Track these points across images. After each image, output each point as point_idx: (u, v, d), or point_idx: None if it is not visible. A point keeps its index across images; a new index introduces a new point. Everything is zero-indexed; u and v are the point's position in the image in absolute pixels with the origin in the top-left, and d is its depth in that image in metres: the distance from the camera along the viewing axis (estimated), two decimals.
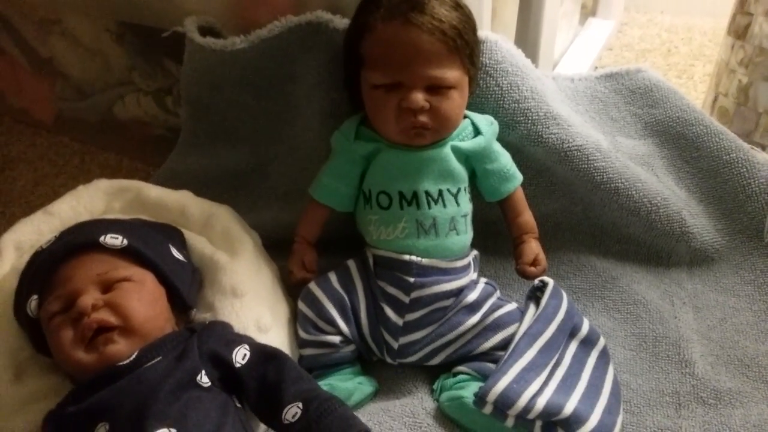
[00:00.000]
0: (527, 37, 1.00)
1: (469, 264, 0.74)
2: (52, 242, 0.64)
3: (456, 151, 0.72)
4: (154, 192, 0.76)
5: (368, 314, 0.72)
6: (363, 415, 0.67)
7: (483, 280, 0.75)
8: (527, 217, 0.78)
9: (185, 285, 0.67)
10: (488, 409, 0.63)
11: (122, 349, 0.58)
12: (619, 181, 0.82)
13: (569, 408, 0.63)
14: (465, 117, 0.75)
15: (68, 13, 1.11)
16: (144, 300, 0.61)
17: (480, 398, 0.63)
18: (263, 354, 0.62)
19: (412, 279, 0.70)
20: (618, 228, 0.86)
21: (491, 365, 0.69)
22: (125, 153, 1.19)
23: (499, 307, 0.72)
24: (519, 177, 0.77)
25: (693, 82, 1.38)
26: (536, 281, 0.74)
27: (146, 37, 1.05)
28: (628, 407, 0.70)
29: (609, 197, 0.83)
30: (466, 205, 0.74)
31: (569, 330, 0.71)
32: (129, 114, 1.16)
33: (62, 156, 1.20)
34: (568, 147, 0.81)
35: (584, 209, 0.87)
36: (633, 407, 0.70)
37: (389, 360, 0.73)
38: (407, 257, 0.71)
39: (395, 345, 0.71)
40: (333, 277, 0.74)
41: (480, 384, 0.67)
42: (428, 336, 0.71)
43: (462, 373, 0.71)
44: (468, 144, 0.73)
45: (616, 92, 0.92)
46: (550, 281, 0.73)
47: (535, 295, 0.74)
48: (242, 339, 0.63)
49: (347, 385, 0.70)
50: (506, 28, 0.95)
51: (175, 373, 0.57)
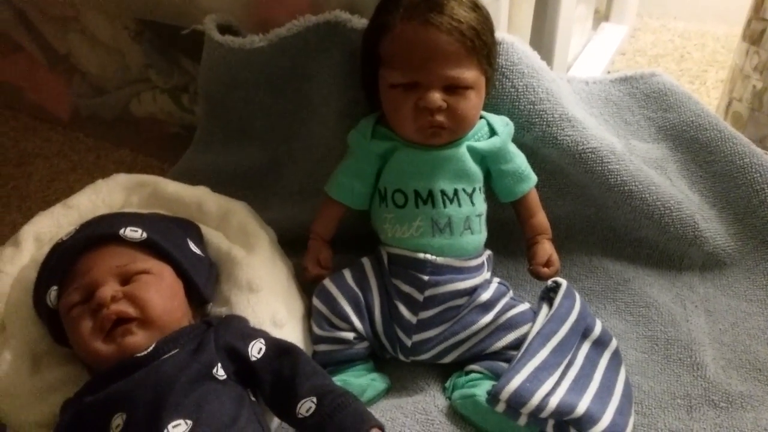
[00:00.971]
0: (542, 41, 1.01)
1: (483, 263, 0.75)
2: (72, 234, 0.65)
3: (472, 151, 0.73)
4: (172, 187, 0.77)
5: (382, 311, 0.73)
6: (376, 412, 0.68)
7: (496, 280, 0.75)
8: (541, 218, 0.79)
9: (202, 279, 0.67)
10: (501, 408, 0.64)
11: (140, 341, 0.59)
12: (633, 184, 0.82)
13: (582, 408, 0.64)
14: (481, 117, 0.75)
15: (86, 11, 1.12)
16: (162, 292, 0.62)
17: (493, 396, 0.64)
18: (279, 348, 0.63)
19: (427, 277, 0.71)
20: (631, 231, 0.86)
21: (504, 364, 0.70)
22: (140, 150, 1.20)
23: (512, 307, 0.73)
24: (534, 178, 0.78)
25: (706, 88, 1.38)
26: (549, 282, 0.75)
27: (164, 36, 1.06)
28: (640, 409, 0.70)
29: (623, 200, 0.83)
30: (481, 205, 0.74)
31: (582, 330, 0.71)
32: (145, 111, 1.17)
33: (78, 152, 1.21)
34: (583, 149, 0.81)
35: (597, 211, 0.87)
36: (644, 409, 0.70)
37: (402, 357, 0.73)
38: (422, 255, 0.71)
39: (408, 342, 0.72)
40: (347, 275, 0.74)
41: (492, 382, 0.68)
42: (441, 334, 0.72)
43: (474, 372, 0.71)
44: (484, 144, 0.73)
45: (630, 96, 0.93)
46: (564, 282, 0.73)
47: (548, 296, 0.74)
48: (258, 333, 0.64)
49: (360, 382, 0.70)
50: (521, 32, 0.96)
51: (192, 366, 0.57)
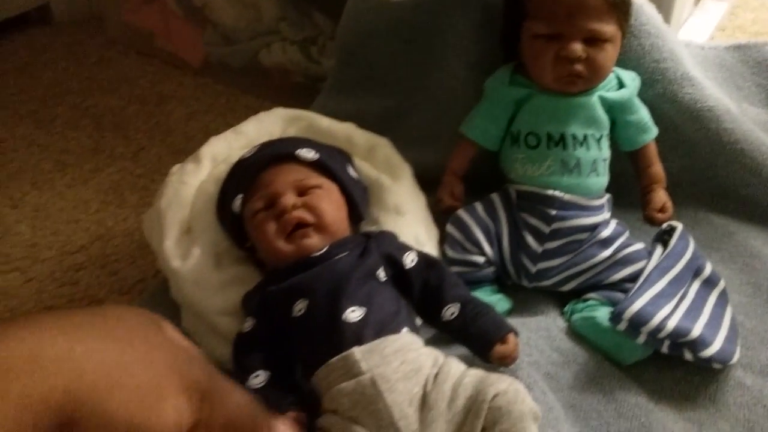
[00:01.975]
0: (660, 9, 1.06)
1: (604, 204, 0.82)
2: (254, 153, 0.76)
3: (602, 101, 0.80)
4: (325, 122, 0.86)
5: (510, 240, 0.81)
6: None
7: (614, 221, 0.83)
8: (658, 168, 0.85)
9: (359, 199, 0.77)
10: (623, 326, 0.71)
11: (316, 243, 0.69)
12: (745, 143, 0.88)
13: (696, 332, 0.71)
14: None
15: None
16: (332, 205, 0.72)
17: (617, 316, 0.71)
18: (427, 260, 0.72)
19: (554, 212, 0.78)
20: (738, 188, 0.92)
21: (619, 294, 0.77)
22: (265, 97, 1.30)
23: (629, 245, 0.80)
24: (655, 130, 0.84)
25: None
26: (665, 225, 0.81)
27: None
28: (744, 343, 0.76)
29: (734, 157, 0.89)
30: (606, 151, 0.81)
31: (695, 269, 0.78)
32: (273, 61, 1.27)
33: (209, 96, 1.32)
34: (701, 107, 0.87)
35: (705, 169, 0.93)
36: (748, 343, 0.76)
37: (525, 283, 0.81)
38: (551, 192, 0.79)
39: (533, 269, 0.80)
40: (479, 207, 0.83)
41: (608, 309, 0.75)
42: (563, 264, 0.79)
43: (592, 299, 0.79)
44: (613, 95, 0.80)
45: (743, 63, 0.98)
46: (679, 225, 0.80)
47: (662, 238, 0.81)
48: (409, 247, 0.73)
49: (488, 299, 0.79)
50: None
51: (360, 267, 0.67)
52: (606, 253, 0.79)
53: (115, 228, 1.02)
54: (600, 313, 0.75)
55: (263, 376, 0.64)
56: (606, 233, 0.80)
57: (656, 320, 0.71)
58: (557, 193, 0.79)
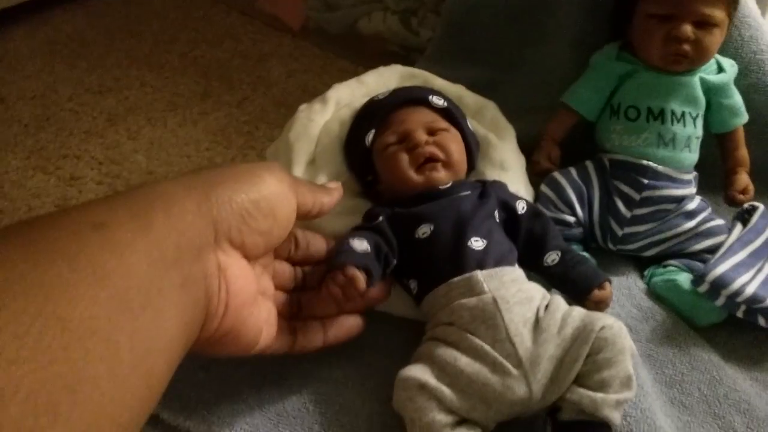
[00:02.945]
0: None
1: (692, 180, 0.88)
2: (387, 95, 0.83)
3: (702, 82, 0.86)
4: (438, 81, 0.93)
5: (600, 204, 0.87)
6: None
7: (699, 197, 0.88)
8: (743, 152, 0.91)
9: (474, 149, 0.84)
10: (704, 288, 0.77)
11: (443, 177, 0.76)
12: None
13: None
14: None
15: None
16: (458, 147, 0.79)
17: (700, 277, 0.77)
18: (534, 210, 0.79)
19: (646, 181, 0.85)
20: None
21: (699, 264, 0.83)
22: (359, 62, 1.38)
23: (712, 220, 0.86)
24: (746, 116, 0.90)
25: None
26: (746, 205, 0.87)
27: None
28: None
29: None
30: (700, 130, 0.87)
31: None
32: (372, 29, 1.35)
33: (307, 57, 1.41)
34: None
35: None
36: None
37: (610, 246, 0.88)
38: (645, 162, 0.85)
39: (620, 233, 0.86)
40: (573, 171, 0.89)
41: (688, 275, 0.81)
42: (649, 230, 0.85)
43: (672, 266, 0.85)
44: (713, 77, 0.86)
45: None
46: (761, 205, 0.86)
47: (743, 217, 0.87)
48: (520, 196, 0.80)
49: None
50: None
51: (481, 206, 0.73)
52: (690, 225, 0.85)
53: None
54: (680, 277, 0.81)
55: (368, 247, 0.67)
56: (691, 206, 0.86)
57: (736, 285, 0.76)
58: (651, 164, 0.85)
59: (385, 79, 0.93)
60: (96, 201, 0.39)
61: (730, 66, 0.88)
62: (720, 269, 0.77)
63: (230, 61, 1.39)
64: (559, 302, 0.68)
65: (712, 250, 0.83)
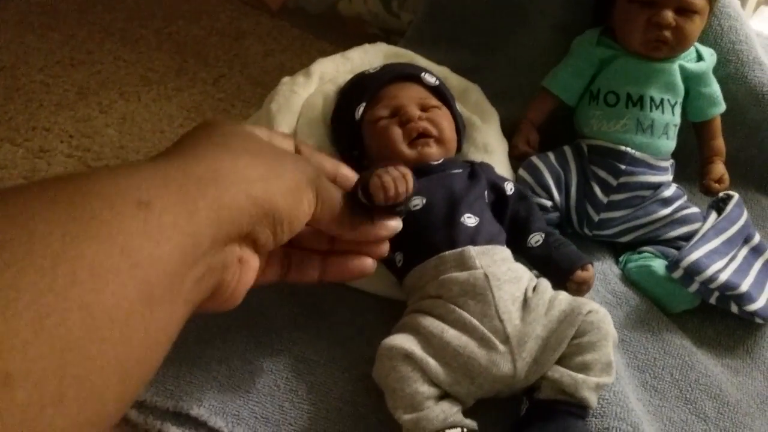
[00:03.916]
0: None
1: (669, 167, 0.88)
2: (379, 70, 0.82)
3: (681, 69, 0.86)
4: (423, 62, 0.92)
5: (578, 189, 0.87)
6: None
7: (675, 185, 0.89)
8: (720, 142, 0.91)
9: (462, 129, 0.83)
10: (678, 274, 0.78)
11: (435, 153, 0.75)
12: None
13: (744, 287, 0.77)
14: None
15: None
16: (450, 125, 0.78)
17: (674, 263, 0.78)
18: (520, 193, 0.78)
19: (624, 166, 0.85)
20: None
21: (673, 250, 0.83)
22: (338, 44, 1.36)
23: (687, 207, 0.86)
24: (723, 105, 0.90)
25: None
26: (721, 194, 0.88)
27: None
28: None
29: None
30: (678, 117, 0.88)
31: (745, 235, 0.84)
32: (352, 11, 1.34)
33: (285, 37, 1.39)
34: (767, 90, 0.93)
35: (760, 152, 0.99)
36: None
37: (586, 231, 0.88)
38: (623, 148, 0.85)
39: (596, 218, 0.86)
40: (551, 155, 0.89)
41: (662, 261, 0.82)
42: (625, 216, 0.86)
43: (647, 252, 0.85)
44: (692, 65, 0.86)
45: None
46: (736, 194, 0.86)
47: (717, 206, 0.87)
48: (507, 178, 0.80)
49: None
50: None
51: (472, 185, 0.73)
52: (665, 211, 0.85)
53: None
54: (654, 263, 0.82)
55: None
56: (667, 193, 0.86)
57: (710, 271, 0.77)
58: (629, 150, 0.85)
59: (370, 56, 0.92)
60: (149, 169, 0.37)
61: (710, 55, 0.88)
62: (694, 256, 0.78)
63: (207, 39, 1.37)
64: (546, 285, 0.68)
65: (687, 238, 0.84)
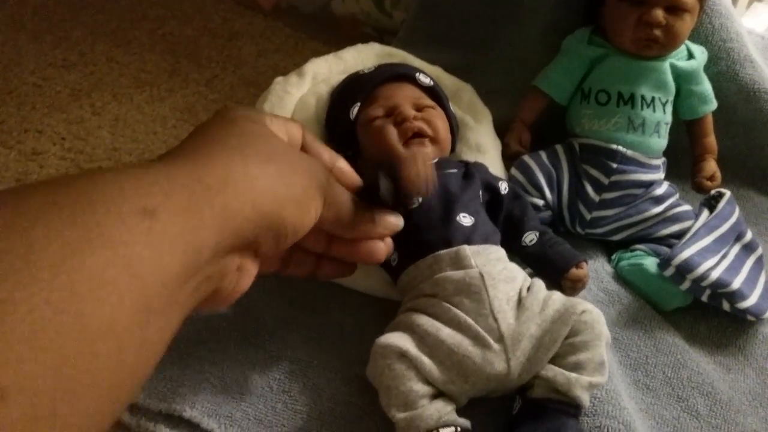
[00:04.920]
0: None
1: (660, 165, 0.88)
2: (373, 70, 0.82)
3: (672, 68, 0.86)
4: (416, 62, 0.92)
5: (569, 188, 0.87)
6: None
7: (667, 183, 0.89)
8: (712, 140, 0.91)
9: (456, 129, 0.84)
10: (670, 272, 0.78)
11: (429, 153, 0.75)
12: None
13: (735, 284, 0.77)
14: None
15: None
16: (444, 125, 0.78)
17: (665, 261, 0.78)
18: (514, 192, 0.79)
19: (615, 165, 0.85)
20: None
21: (665, 248, 0.84)
22: (331, 44, 1.36)
23: (679, 205, 0.86)
24: (714, 103, 0.90)
25: None
26: (713, 192, 0.88)
27: None
28: None
29: None
30: (669, 116, 0.88)
31: (737, 233, 0.84)
32: (345, 10, 1.33)
33: (278, 37, 1.38)
34: (758, 88, 0.93)
35: (752, 150, 0.99)
36: None
37: (578, 230, 0.88)
38: (614, 146, 0.85)
39: (588, 217, 0.86)
40: (543, 154, 0.89)
41: (654, 259, 0.82)
42: (617, 215, 0.86)
43: (639, 250, 0.85)
44: (683, 64, 0.86)
45: None
46: (728, 192, 0.86)
47: (709, 204, 0.87)
48: (501, 177, 0.80)
49: None
50: None
51: (467, 185, 0.73)
52: (657, 210, 0.85)
53: None
54: (646, 262, 0.82)
55: None
56: (659, 191, 0.86)
57: (701, 269, 0.77)
58: (620, 148, 0.85)
59: (363, 56, 0.92)
60: (157, 173, 0.35)
61: (701, 53, 0.89)
62: (686, 254, 0.78)
63: (200, 39, 1.37)
64: (541, 285, 0.68)
65: (679, 235, 0.84)
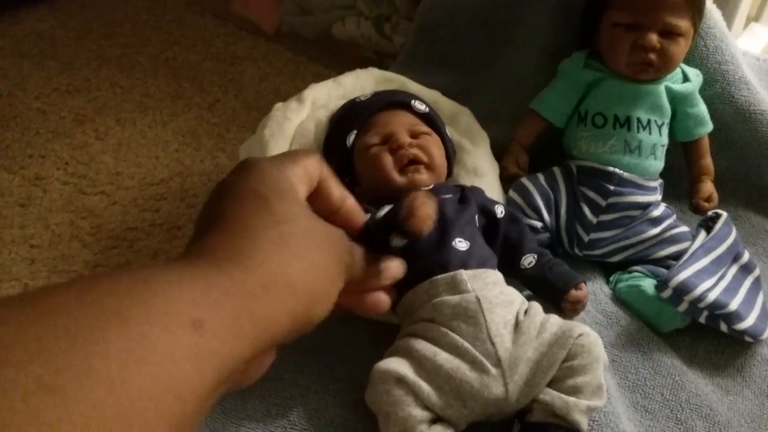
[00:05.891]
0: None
1: (657, 187, 0.89)
2: (369, 98, 0.83)
3: (668, 90, 0.87)
4: (414, 86, 0.94)
5: (567, 210, 0.88)
6: None
7: (664, 204, 0.89)
8: (708, 161, 0.92)
9: (452, 154, 0.84)
10: (667, 293, 0.78)
11: (425, 179, 0.76)
12: None
13: (733, 306, 0.78)
14: None
15: None
16: (440, 151, 0.79)
17: (663, 283, 0.78)
18: (511, 215, 0.79)
19: (612, 187, 0.85)
20: None
21: (663, 270, 0.84)
22: (332, 67, 1.38)
23: (676, 227, 0.87)
24: (710, 125, 0.91)
25: None
26: (710, 213, 0.88)
27: None
28: None
29: None
30: (665, 138, 0.88)
31: (735, 254, 0.85)
32: (346, 34, 1.35)
33: (280, 61, 1.40)
34: (754, 110, 0.94)
35: (749, 170, 1.00)
36: None
37: (576, 252, 0.88)
38: (611, 169, 0.86)
39: (586, 239, 0.87)
40: (541, 177, 0.90)
41: (652, 281, 0.82)
42: (615, 236, 0.86)
43: (637, 271, 0.86)
44: (679, 86, 0.87)
45: None
46: (724, 213, 0.87)
47: (707, 224, 0.88)
48: (497, 201, 0.80)
49: None
50: None
51: (463, 210, 0.74)
52: (655, 231, 0.86)
53: (193, 167, 1.10)
54: (644, 283, 0.82)
55: None
56: (656, 213, 0.87)
57: (699, 291, 0.77)
58: (617, 170, 0.86)
59: (362, 82, 0.94)
60: (205, 280, 0.33)
61: (696, 75, 0.89)
62: (683, 275, 0.78)
63: (202, 64, 1.39)
64: (538, 308, 0.68)
65: (677, 257, 0.84)
